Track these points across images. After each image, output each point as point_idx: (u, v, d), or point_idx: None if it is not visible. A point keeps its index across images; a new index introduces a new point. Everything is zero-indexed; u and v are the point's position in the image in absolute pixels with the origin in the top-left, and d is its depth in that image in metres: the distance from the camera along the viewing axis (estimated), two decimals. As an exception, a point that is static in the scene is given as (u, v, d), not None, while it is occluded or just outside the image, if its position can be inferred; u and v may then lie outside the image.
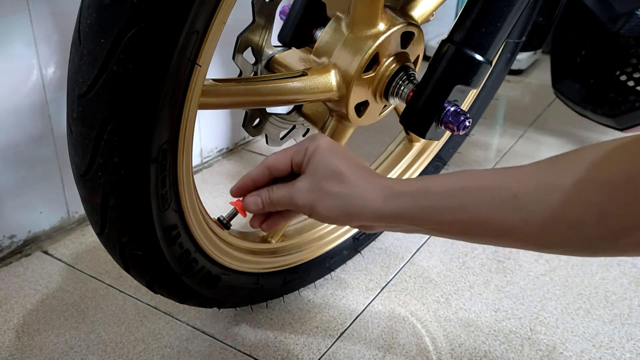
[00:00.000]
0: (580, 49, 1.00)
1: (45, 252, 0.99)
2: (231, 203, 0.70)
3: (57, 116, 0.96)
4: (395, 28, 0.72)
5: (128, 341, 0.81)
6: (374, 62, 0.73)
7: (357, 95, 0.74)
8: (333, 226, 0.92)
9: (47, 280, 0.93)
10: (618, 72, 0.97)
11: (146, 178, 0.56)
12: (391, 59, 0.74)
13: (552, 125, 1.57)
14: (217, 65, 1.18)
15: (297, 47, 0.78)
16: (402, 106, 0.75)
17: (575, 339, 0.83)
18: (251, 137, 1.43)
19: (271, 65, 0.79)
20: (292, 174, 0.60)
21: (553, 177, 0.44)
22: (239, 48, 0.75)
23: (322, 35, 0.74)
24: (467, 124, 0.70)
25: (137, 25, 0.48)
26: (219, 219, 0.74)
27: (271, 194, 0.59)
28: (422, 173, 1.01)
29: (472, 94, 0.99)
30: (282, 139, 0.87)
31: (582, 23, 0.99)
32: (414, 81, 0.74)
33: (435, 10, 0.80)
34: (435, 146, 1.02)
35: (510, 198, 0.45)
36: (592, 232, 0.42)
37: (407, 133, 0.99)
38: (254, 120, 0.82)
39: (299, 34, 0.77)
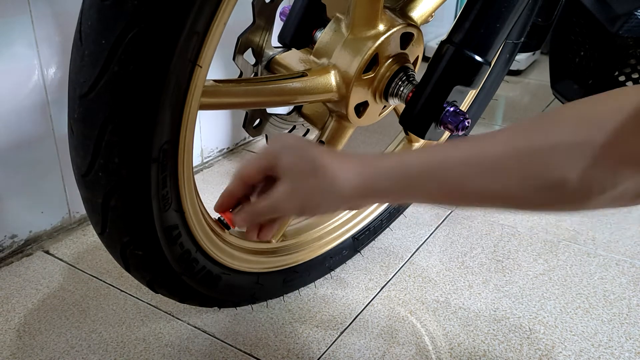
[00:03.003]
0: (578, 49, 1.00)
1: (47, 252, 1.00)
2: (220, 214, 0.71)
3: (58, 117, 0.97)
4: (394, 29, 0.72)
5: (129, 340, 0.81)
6: (373, 62, 0.73)
7: (357, 95, 0.74)
8: (333, 226, 0.92)
9: (48, 279, 0.93)
10: (616, 73, 0.97)
11: (147, 178, 0.56)
12: (391, 59, 0.74)
13: (552, 126, 1.57)
14: (217, 66, 1.19)
15: (297, 48, 0.78)
16: (401, 107, 0.76)
17: (574, 338, 0.83)
18: (251, 138, 1.43)
19: (271, 66, 0.79)
20: (268, 178, 0.59)
21: (530, 140, 0.44)
22: (239, 49, 0.76)
23: (322, 36, 0.74)
24: (466, 124, 0.71)
25: (138, 26, 0.48)
26: (219, 219, 0.74)
27: (255, 207, 0.58)
28: (422, 173, 1.02)
29: (471, 94, 0.99)
30: (282, 139, 0.87)
31: (580, 24, 0.99)
32: (414, 82, 0.74)
33: (434, 11, 0.81)
34: (435, 146, 1.02)
35: (489, 166, 0.45)
36: (573, 191, 0.43)
37: (406, 133, 0.99)
38: (255, 120, 0.83)
39: (299, 35, 0.78)
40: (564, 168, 0.42)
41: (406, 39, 0.75)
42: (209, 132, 1.31)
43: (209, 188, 1.22)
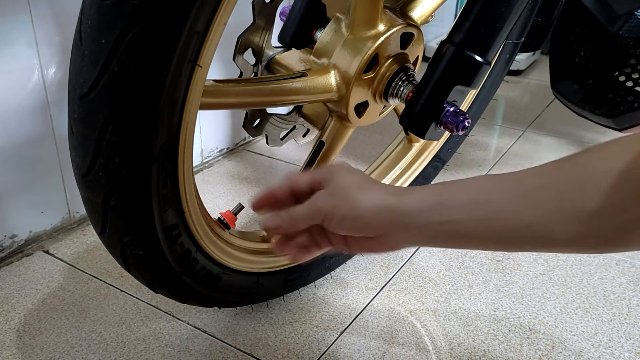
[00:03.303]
0: (579, 49, 1.00)
1: (47, 252, 1.00)
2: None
3: (58, 117, 0.97)
4: (394, 29, 0.72)
5: (129, 340, 0.81)
6: (373, 62, 0.73)
7: (357, 95, 0.74)
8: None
9: (48, 279, 0.93)
10: (617, 73, 0.97)
11: (147, 178, 0.56)
12: (391, 59, 0.74)
13: (551, 126, 1.57)
14: (217, 66, 1.19)
15: (297, 48, 0.78)
16: (401, 107, 0.76)
17: (574, 338, 0.83)
18: (251, 138, 1.43)
19: (271, 66, 0.79)
20: (312, 194, 0.57)
21: (570, 169, 0.43)
22: (239, 49, 0.76)
23: (322, 36, 0.74)
24: (466, 124, 0.71)
25: (138, 26, 0.48)
26: (219, 218, 0.74)
27: (290, 211, 0.56)
28: (421, 173, 1.02)
29: (471, 94, 0.99)
30: (282, 139, 0.87)
31: (580, 24, 0.99)
32: (414, 82, 0.75)
33: (434, 11, 0.81)
34: (435, 146, 1.02)
35: (525, 193, 0.44)
36: (611, 224, 0.40)
37: (406, 133, 0.99)
38: (255, 120, 0.83)
39: (299, 35, 0.78)
40: (603, 197, 0.39)
41: (406, 39, 0.75)
42: (209, 132, 1.31)
43: (209, 188, 1.22)
